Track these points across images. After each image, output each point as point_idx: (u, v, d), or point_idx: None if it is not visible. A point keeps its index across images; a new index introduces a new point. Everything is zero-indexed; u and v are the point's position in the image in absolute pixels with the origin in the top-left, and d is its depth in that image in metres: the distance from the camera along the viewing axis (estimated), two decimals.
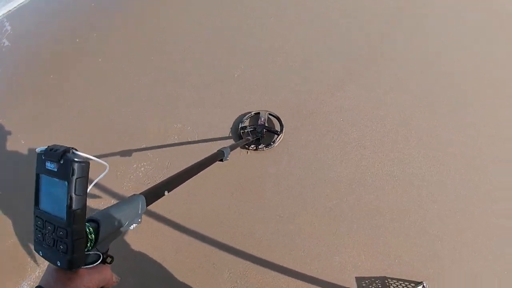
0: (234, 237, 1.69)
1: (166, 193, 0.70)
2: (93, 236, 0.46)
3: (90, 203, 1.83)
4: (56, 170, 0.42)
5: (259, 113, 2.03)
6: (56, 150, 0.42)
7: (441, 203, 1.77)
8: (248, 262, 1.62)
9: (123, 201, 0.57)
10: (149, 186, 0.67)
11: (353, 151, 1.94)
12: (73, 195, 0.41)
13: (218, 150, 1.16)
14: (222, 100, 2.15)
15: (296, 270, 1.60)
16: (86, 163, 0.43)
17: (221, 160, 1.13)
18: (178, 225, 1.74)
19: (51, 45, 2.79)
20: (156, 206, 1.76)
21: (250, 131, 1.95)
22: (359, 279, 1.56)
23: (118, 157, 2.00)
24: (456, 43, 2.27)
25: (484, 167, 1.89)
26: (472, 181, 1.84)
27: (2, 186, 2.13)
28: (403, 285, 1.53)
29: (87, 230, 0.45)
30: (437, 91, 2.11)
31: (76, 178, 0.41)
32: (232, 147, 1.24)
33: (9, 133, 2.27)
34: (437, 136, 1.99)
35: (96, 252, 0.48)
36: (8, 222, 1.95)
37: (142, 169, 1.95)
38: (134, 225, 0.60)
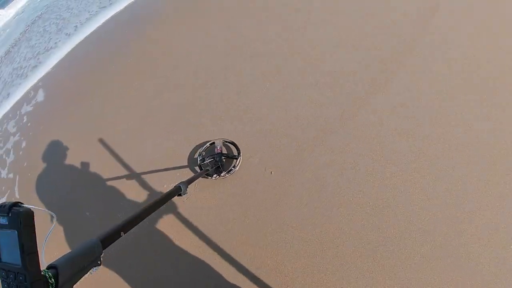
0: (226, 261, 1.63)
1: (122, 234, 0.75)
2: (53, 280, 0.52)
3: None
4: (6, 223, 0.49)
5: (214, 142, 2.08)
6: (4, 205, 0.50)
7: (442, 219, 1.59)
8: None
9: (80, 247, 0.62)
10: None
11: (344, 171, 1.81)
12: (24, 242, 0.48)
13: (175, 186, 1.18)
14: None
15: None
16: (31, 213, 0.51)
17: (180, 195, 1.16)
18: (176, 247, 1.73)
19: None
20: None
21: (209, 161, 1.98)
22: None
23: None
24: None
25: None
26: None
27: None
28: None
29: (47, 275, 0.51)
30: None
31: (24, 226, 0.49)
32: (189, 181, 1.28)
33: None
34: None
35: None
36: None
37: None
38: (95, 268, 0.64)
